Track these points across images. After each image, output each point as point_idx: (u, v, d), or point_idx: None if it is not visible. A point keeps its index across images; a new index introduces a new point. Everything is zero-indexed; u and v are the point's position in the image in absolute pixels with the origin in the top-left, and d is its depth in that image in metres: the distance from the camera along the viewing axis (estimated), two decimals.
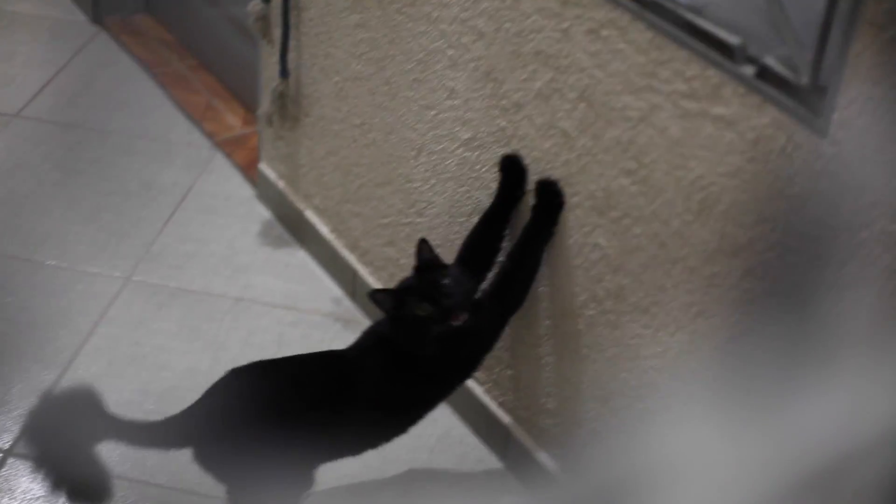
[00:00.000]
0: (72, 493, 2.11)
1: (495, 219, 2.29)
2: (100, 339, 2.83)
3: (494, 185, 2.33)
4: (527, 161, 2.23)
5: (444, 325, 2.11)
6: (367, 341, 2.27)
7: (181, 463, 2.20)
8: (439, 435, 2.61)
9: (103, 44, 4.05)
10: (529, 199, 2.23)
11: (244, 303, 2.97)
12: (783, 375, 1.79)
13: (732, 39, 1.79)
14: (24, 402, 2.63)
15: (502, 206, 2.27)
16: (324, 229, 3.02)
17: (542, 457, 2.42)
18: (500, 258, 2.29)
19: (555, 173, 2.17)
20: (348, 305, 2.97)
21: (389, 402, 2.22)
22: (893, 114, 1.56)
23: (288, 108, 3.01)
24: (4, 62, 3.92)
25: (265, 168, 3.24)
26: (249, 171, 3.39)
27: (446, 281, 2.14)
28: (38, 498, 2.43)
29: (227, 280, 3.04)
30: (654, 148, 1.95)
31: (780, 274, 1.78)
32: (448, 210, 2.51)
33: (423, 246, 2.21)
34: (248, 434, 2.13)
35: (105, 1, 4.14)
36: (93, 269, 3.05)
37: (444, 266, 2.21)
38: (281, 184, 3.18)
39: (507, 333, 2.41)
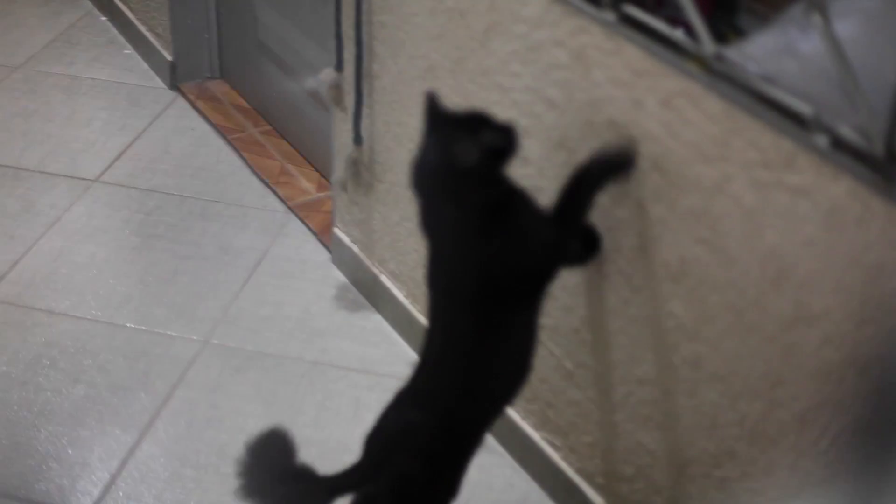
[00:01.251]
0: None
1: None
2: (178, 401, 2.87)
3: None
4: (601, 229, 2.24)
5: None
6: None
7: None
8: (517, 500, 2.61)
9: (180, 110, 4.13)
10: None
11: (320, 367, 3.00)
12: (861, 448, 1.77)
13: (805, 109, 1.79)
14: (105, 465, 2.67)
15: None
16: (399, 294, 3.05)
17: None
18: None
19: (628, 242, 2.18)
20: None
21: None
22: None
23: (361, 174, 3.05)
24: (84, 128, 4.01)
25: (339, 233, 3.28)
26: (324, 235, 3.43)
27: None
28: None
29: (303, 344, 3.07)
30: (729, 217, 1.95)
31: (858, 344, 1.77)
32: None
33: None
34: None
35: (182, 67, 4.22)
36: (171, 332, 3.10)
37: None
38: (355, 248, 3.21)
39: (584, 399, 2.42)
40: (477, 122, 2.06)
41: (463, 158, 2.00)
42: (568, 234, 2.19)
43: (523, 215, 2.11)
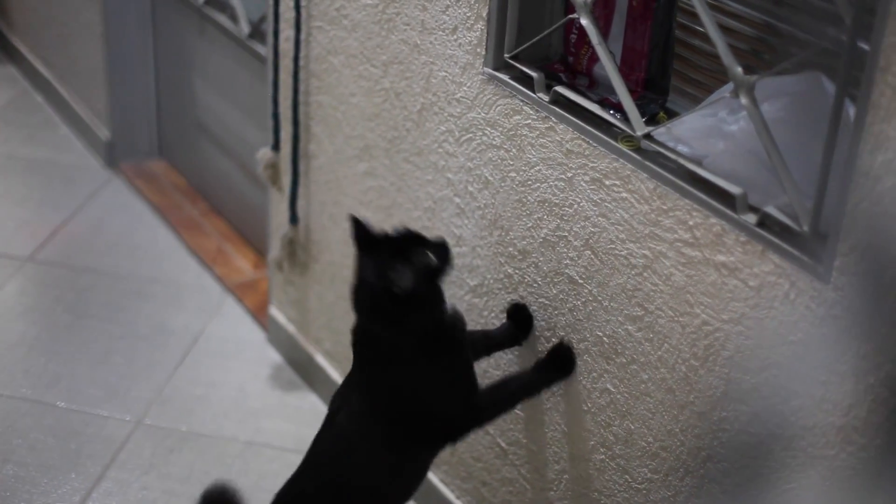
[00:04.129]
0: None
1: (488, 343, 2.31)
2: (110, 483, 2.84)
3: None
4: (533, 308, 2.26)
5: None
6: None
7: None
8: None
9: (116, 188, 4.12)
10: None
11: (255, 447, 2.98)
12: None
13: (734, 189, 1.83)
14: None
15: (498, 341, 2.31)
16: (334, 373, 3.04)
17: None
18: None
19: (562, 319, 2.20)
20: None
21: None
22: (893, 261, 1.59)
23: (297, 253, 3.06)
24: (18, 206, 3.99)
25: (276, 312, 3.28)
26: (260, 315, 3.43)
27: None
28: None
29: (237, 424, 3.05)
30: (659, 295, 1.98)
31: (787, 419, 1.79)
32: None
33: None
34: None
35: (119, 146, 4.22)
36: (103, 411, 3.07)
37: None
38: (291, 328, 3.21)
39: (518, 476, 2.42)
40: (408, 243, 2.07)
41: (398, 283, 2.01)
42: (477, 421, 2.22)
43: (452, 363, 2.15)
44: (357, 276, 2.10)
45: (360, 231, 2.07)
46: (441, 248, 2.07)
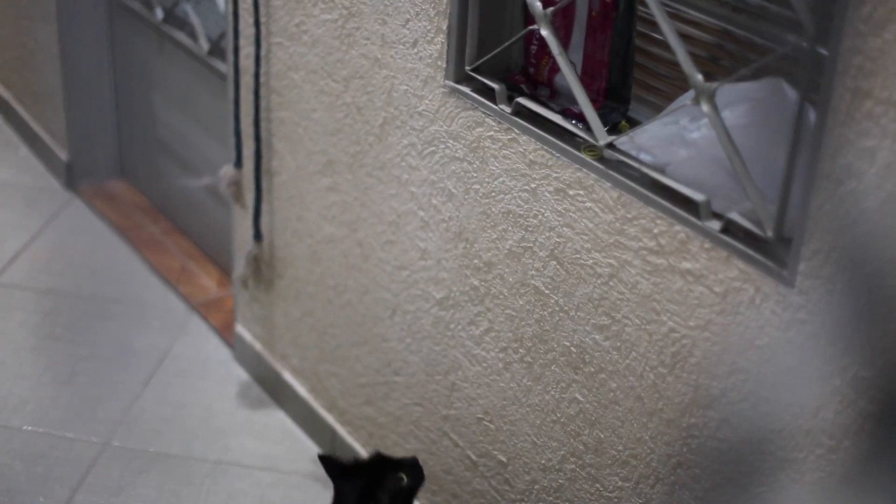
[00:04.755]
0: None
1: None
2: None
3: (470, 344, 2.36)
4: (501, 319, 2.27)
5: None
6: None
7: None
8: None
9: (77, 210, 4.10)
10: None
11: (223, 466, 2.96)
12: None
13: (697, 196, 1.84)
14: None
15: None
16: (301, 390, 3.03)
17: None
18: None
19: (528, 331, 2.20)
20: None
21: None
22: (857, 263, 1.60)
23: (262, 270, 3.05)
24: None
25: (241, 330, 3.26)
26: (226, 333, 3.41)
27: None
28: None
29: (205, 443, 3.04)
30: (626, 303, 1.98)
31: (756, 423, 1.80)
32: (424, 368, 2.53)
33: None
34: None
35: (78, 167, 4.20)
36: (70, 434, 3.05)
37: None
38: (258, 345, 3.20)
39: (489, 488, 2.42)
40: (380, 469, 2.19)
41: None
42: None
43: None
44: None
45: (331, 466, 2.22)
46: (412, 468, 2.20)
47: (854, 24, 1.52)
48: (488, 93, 2.19)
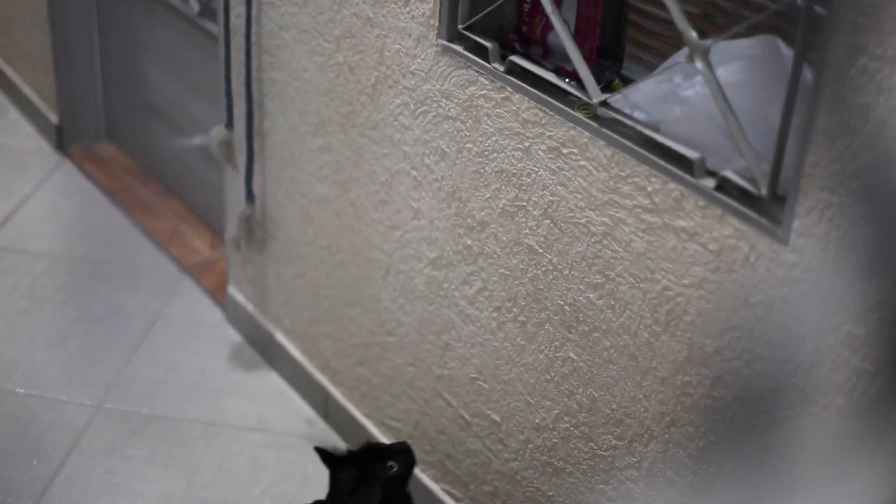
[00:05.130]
0: None
1: None
2: (72, 468, 2.82)
3: (463, 304, 2.36)
4: (494, 278, 2.26)
5: None
6: None
7: None
8: None
9: (67, 172, 4.08)
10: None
11: (216, 427, 2.97)
12: (755, 482, 1.80)
13: (691, 154, 1.83)
14: None
15: None
16: (294, 351, 3.03)
17: None
18: None
19: (522, 290, 2.20)
20: (322, 426, 2.97)
21: None
22: (851, 220, 1.60)
23: (254, 231, 3.04)
24: None
25: (234, 292, 3.26)
26: (218, 295, 3.41)
27: None
28: None
29: (198, 405, 3.04)
30: (620, 262, 1.98)
31: (750, 381, 1.80)
32: (418, 329, 2.53)
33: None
34: None
35: (68, 130, 4.18)
36: (63, 396, 3.04)
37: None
38: (250, 307, 3.20)
39: (483, 448, 2.42)
40: (371, 458, 2.26)
41: (367, 499, 2.22)
42: None
43: None
44: (331, 494, 2.30)
45: (326, 457, 2.29)
46: (403, 454, 2.27)
47: None
48: (481, 51, 2.18)
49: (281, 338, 3.08)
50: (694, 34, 1.80)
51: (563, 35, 2.05)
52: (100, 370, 3.15)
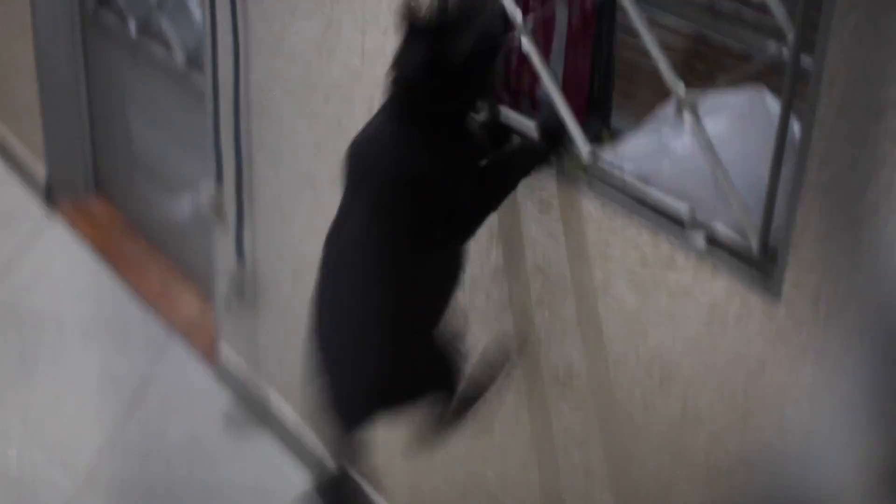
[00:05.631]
0: None
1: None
2: None
3: None
4: (485, 336, 2.24)
5: None
6: None
7: None
8: None
9: (57, 228, 4.05)
10: None
11: (209, 490, 2.93)
12: None
13: (681, 208, 1.82)
14: None
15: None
16: (288, 410, 3.00)
17: None
18: None
19: (515, 348, 2.18)
20: None
21: None
22: (842, 272, 1.57)
23: (245, 289, 3.01)
24: None
25: (225, 351, 3.22)
26: (209, 354, 3.36)
27: None
28: None
29: (190, 469, 3.00)
30: (612, 319, 1.97)
31: (744, 438, 1.78)
32: None
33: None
34: None
35: (57, 186, 4.16)
36: (54, 462, 3.01)
37: None
38: (242, 365, 3.16)
39: None
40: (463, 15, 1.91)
41: (459, 46, 1.87)
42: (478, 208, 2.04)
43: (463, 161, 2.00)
44: (397, 57, 1.96)
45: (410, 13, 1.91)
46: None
47: (840, 35, 1.49)
48: None
49: (274, 397, 3.05)
50: (682, 88, 1.79)
51: (551, 89, 2.03)
52: (90, 436, 3.11)
